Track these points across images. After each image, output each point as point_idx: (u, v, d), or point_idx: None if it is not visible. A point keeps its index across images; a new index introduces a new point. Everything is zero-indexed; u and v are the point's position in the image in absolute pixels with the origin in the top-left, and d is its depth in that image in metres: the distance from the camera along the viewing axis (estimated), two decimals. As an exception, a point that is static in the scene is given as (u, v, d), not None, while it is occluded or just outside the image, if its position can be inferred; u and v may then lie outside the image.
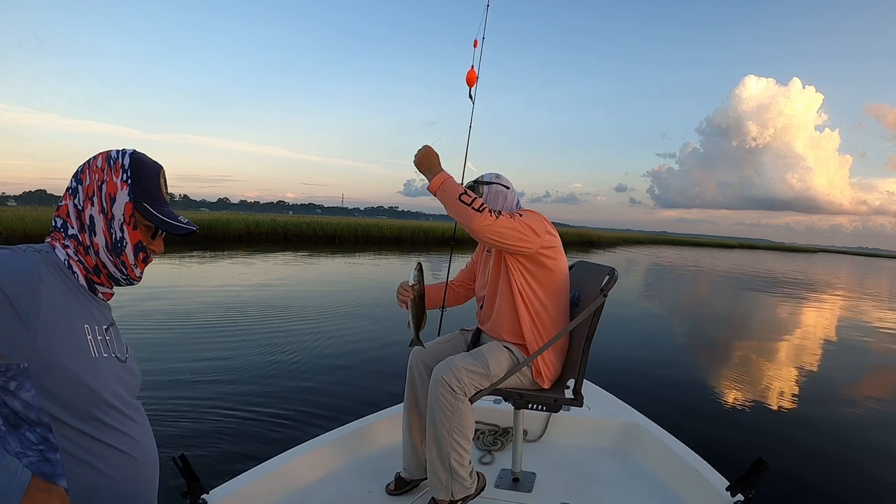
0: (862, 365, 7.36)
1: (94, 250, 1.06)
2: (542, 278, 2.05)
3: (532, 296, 2.05)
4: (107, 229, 1.06)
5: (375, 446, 2.53)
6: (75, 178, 1.07)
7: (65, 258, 1.04)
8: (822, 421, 4.62)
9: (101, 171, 1.06)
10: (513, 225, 1.90)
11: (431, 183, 1.92)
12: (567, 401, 2.06)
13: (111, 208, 1.06)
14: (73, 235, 1.05)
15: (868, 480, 3.50)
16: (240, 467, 2.07)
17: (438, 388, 1.89)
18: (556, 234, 2.06)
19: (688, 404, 4.83)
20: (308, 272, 14.37)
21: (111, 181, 1.06)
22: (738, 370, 6.28)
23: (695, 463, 2.25)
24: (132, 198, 1.07)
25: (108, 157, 1.07)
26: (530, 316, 2.06)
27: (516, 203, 2.17)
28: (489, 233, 1.87)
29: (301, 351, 5.72)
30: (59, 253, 1.03)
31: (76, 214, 1.05)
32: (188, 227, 1.13)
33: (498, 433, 2.71)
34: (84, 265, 1.06)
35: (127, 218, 1.07)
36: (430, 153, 1.94)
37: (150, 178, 1.10)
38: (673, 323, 9.92)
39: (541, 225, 1.99)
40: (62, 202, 1.07)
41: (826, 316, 12.45)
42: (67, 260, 1.04)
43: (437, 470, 1.94)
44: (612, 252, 37.68)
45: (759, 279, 22.73)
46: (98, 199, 1.05)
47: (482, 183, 2.14)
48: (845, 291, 20.29)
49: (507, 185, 2.15)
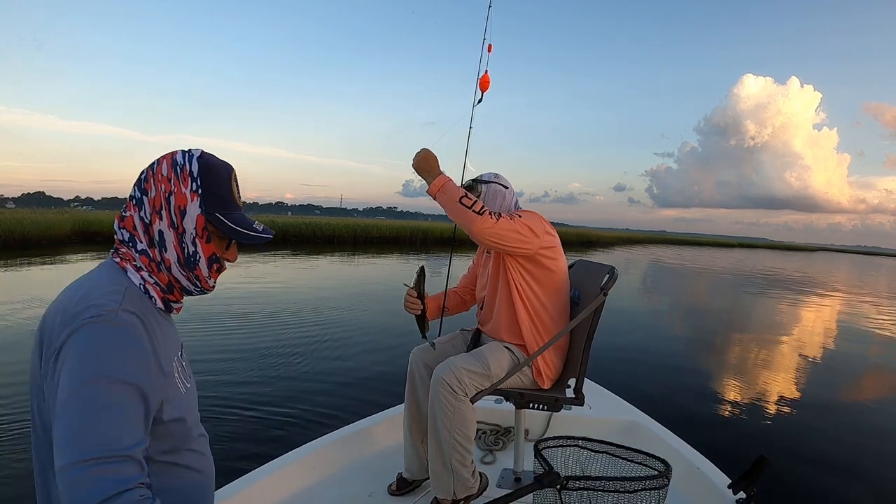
0: (863, 363, 7.37)
1: (166, 266, 0.98)
2: (542, 278, 2.04)
3: (532, 296, 2.05)
4: (178, 244, 0.98)
5: (377, 447, 2.53)
6: (139, 188, 0.97)
7: (140, 282, 0.96)
8: (825, 418, 4.63)
9: (168, 181, 0.96)
10: (513, 227, 1.89)
11: (431, 186, 1.92)
12: (568, 400, 2.05)
13: (181, 222, 0.97)
14: (142, 251, 0.97)
15: (870, 478, 3.50)
16: (242, 468, 2.07)
17: (439, 389, 1.89)
18: (555, 234, 2.06)
19: (689, 402, 4.83)
20: (307, 273, 14.37)
21: (180, 192, 0.96)
22: (739, 368, 6.29)
23: (697, 461, 2.25)
24: (204, 209, 0.98)
25: (174, 164, 0.97)
26: (530, 316, 2.06)
27: (515, 202, 2.17)
28: (490, 235, 1.86)
29: (301, 352, 5.72)
30: (132, 277, 0.96)
31: (143, 228, 0.97)
32: (264, 235, 1.05)
33: (499, 433, 2.71)
34: (159, 285, 0.99)
35: (199, 231, 0.98)
36: (429, 156, 1.94)
37: (222, 184, 1.00)
38: (674, 321, 9.92)
39: (540, 225, 1.99)
40: (126, 212, 0.98)
41: (826, 314, 12.46)
42: (143, 284, 0.96)
43: (439, 470, 1.94)
44: (611, 252, 37.68)
45: (758, 278, 22.74)
46: (167, 213, 0.96)
47: (480, 182, 2.13)
48: (845, 290, 20.31)
49: (506, 185, 2.15)
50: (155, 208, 0.96)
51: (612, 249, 41.69)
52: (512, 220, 1.90)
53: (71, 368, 0.81)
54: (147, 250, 0.97)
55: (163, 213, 0.96)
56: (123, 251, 0.98)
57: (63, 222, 21.11)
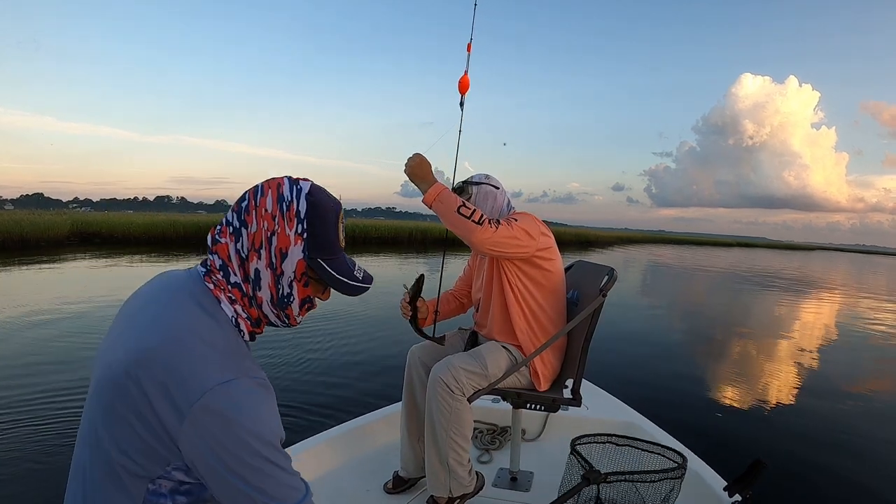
0: (861, 363, 7.37)
1: (258, 303, 0.94)
2: (538, 279, 2.04)
3: (528, 297, 2.05)
4: (273, 284, 0.93)
5: (373, 445, 2.53)
6: (238, 218, 0.92)
7: (232, 315, 0.92)
8: (822, 421, 4.62)
9: (272, 219, 0.90)
10: (511, 233, 1.89)
11: (426, 195, 1.90)
12: (566, 400, 2.06)
13: (280, 264, 0.92)
14: (236, 284, 0.92)
15: (867, 481, 3.50)
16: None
17: (436, 389, 1.90)
18: (550, 235, 2.06)
19: (686, 404, 4.83)
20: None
21: (283, 233, 0.91)
22: (736, 370, 6.29)
23: (692, 463, 2.25)
24: (307, 254, 0.93)
25: (280, 199, 0.91)
26: (526, 317, 2.06)
27: (507, 203, 2.16)
28: (489, 244, 1.87)
29: (298, 351, 5.71)
30: (225, 309, 0.91)
31: (238, 262, 0.92)
32: (364, 285, 1.00)
33: (496, 432, 2.71)
34: (249, 319, 0.95)
35: (298, 275, 0.94)
36: (423, 163, 1.91)
37: (328, 227, 0.95)
38: (671, 322, 9.93)
39: (535, 227, 1.99)
40: (221, 238, 0.92)
41: (824, 314, 12.47)
42: (235, 318, 0.92)
43: (435, 468, 1.94)
44: (610, 251, 37.70)
45: (757, 277, 22.76)
46: (266, 254, 0.91)
47: (471, 183, 2.12)
48: (843, 289, 20.33)
49: (497, 186, 2.14)
50: (254, 245, 0.91)
51: (610, 249, 41.71)
52: (510, 227, 1.90)
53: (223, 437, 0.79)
54: (241, 284, 0.93)
55: (262, 252, 0.91)
56: (216, 278, 0.92)
57: (61, 223, 21.10)
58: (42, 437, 3.39)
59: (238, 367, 0.85)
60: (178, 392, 0.79)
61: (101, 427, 0.83)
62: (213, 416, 0.78)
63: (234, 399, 0.80)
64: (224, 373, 0.82)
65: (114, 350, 0.86)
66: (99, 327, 6.42)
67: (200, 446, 0.79)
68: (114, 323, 0.95)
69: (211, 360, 0.83)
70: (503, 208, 2.14)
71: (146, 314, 0.89)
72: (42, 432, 3.45)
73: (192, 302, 0.89)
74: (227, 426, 0.79)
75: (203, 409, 0.78)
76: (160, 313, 0.88)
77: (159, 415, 0.79)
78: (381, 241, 30.98)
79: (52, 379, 4.47)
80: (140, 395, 0.79)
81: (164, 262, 14.82)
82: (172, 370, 0.80)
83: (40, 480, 2.90)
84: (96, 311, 7.43)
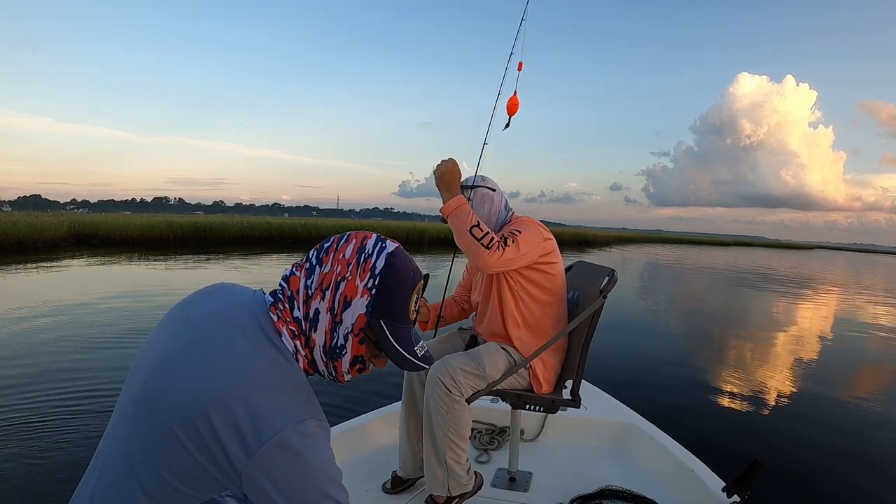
0: (859, 363, 7.38)
1: (311, 345, 0.93)
2: (539, 282, 2.04)
3: (529, 300, 2.04)
4: (329, 331, 0.92)
5: (372, 445, 2.53)
6: (316, 257, 0.93)
7: (293, 349, 0.91)
8: (820, 421, 4.63)
9: (347, 265, 0.90)
10: (517, 253, 1.90)
11: (446, 205, 1.91)
12: (565, 402, 2.06)
13: (342, 312, 0.91)
14: (297, 319, 0.92)
15: (866, 481, 3.50)
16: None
17: (434, 389, 1.90)
18: (552, 238, 2.05)
19: (685, 405, 4.83)
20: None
21: (353, 282, 0.90)
22: (735, 370, 6.29)
23: (691, 464, 2.25)
24: (370, 311, 0.91)
25: (361, 250, 0.92)
26: (527, 321, 2.06)
27: (504, 205, 2.15)
28: (496, 267, 1.88)
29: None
30: (286, 342, 0.90)
31: (304, 297, 0.91)
32: (422, 364, 0.97)
33: (495, 432, 2.71)
34: (306, 358, 0.94)
35: (356, 330, 0.92)
36: (455, 171, 1.93)
37: (401, 295, 0.93)
38: (670, 322, 9.93)
39: (537, 235, 1.98)
40: (297, 272, 0.93)
41: (823, 313, 12.49)
42: (295, 353, 0.91)
43: (433, 467, 1.94)
44: (608, 251, 37.73)
45: (755, 277, 22.79)
46: (331, 296, 0.90)
47: (466, 187, 2.11)
48: (842, 288, 20.36)
49: (493, 188, 2.13)
50: (322, 285, 0.91)
51: (608, 249, 41.74)
52: (516, 246, 1.89)
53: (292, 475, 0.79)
54: (301, 319, 0.92)
55: (327, 293, 0.90)
56: (282, 307, 0.92)
57: (58, 225, 21.04)
58: (37, 436, 3.38)
59: (307, 408, 0.85)
60: (249, 428, 0.78)
61: (151, 447, 0.81)
62: (285, 452, 0.78)
63: (306, 439, 0.80)
64: (297, 411, 0.82)
65: (175, 371, 0.84)
66: (94, 328, 6.40)
67: (265, 482, 0.78)
68: (162, 330, 0.93)
69: (283, 398, 0.83)
70: (501, 210, 2.13)
71: (215, 340, 0.86)
72: (37, 431, 3.44)
73: (260, 332, 0.88)
74: (299, 464, 0.79)
75: (276, 446, 0.78)
76: (231, 338, 0.86)
77: (226, 448, 0.78)
78: (379, 241, 30.96)
79: (48, 379, 4.46)
80: (208, 429, 0.78)
81: (162, 262, 14.81)
82: (245, 406, 0.79)
83: (36, 483, 2.89)
84: (91, 311, 7.41)
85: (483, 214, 2.08)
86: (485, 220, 2.09)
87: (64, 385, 4.36)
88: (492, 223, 2.11)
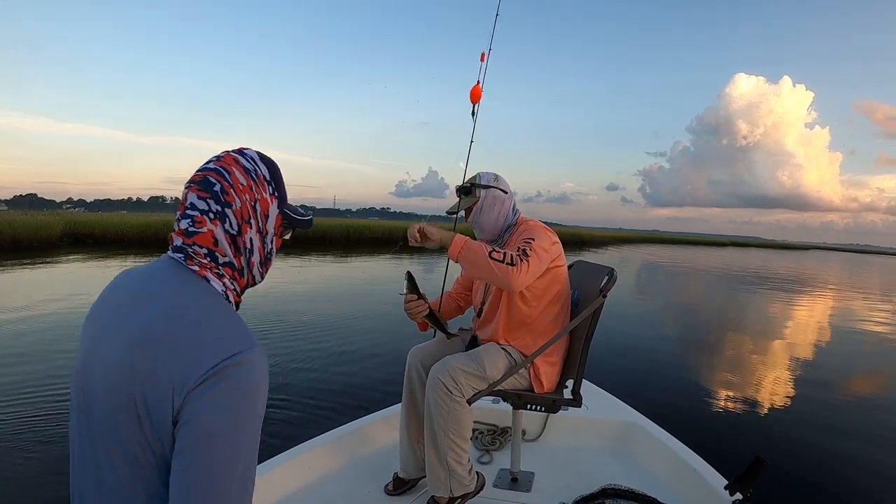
0: (858, 361, 7.42)
1: (249, 268, 1.00)
2: (544, 284, 2.02)
3: (533, 301, 2.03)
4: (262, 246, 1.01)
5: (373, 447, 2.52)
6: (216, 202, 0.94)
7: (222, 289, 0.95)
8: (821, 419, 4.65)
9: (251, 190, 0.97)
10: (539, 263, 1.87)
11: (450, 250, 1.83)
12: (566, 401, 2.05)
13: (266, 225, 1.00)
14: (226, 263, 0.96)
15: (867, 477, 3.52)
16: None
17: (435, 390, 1.89)
18: (558, 241, 2.03)
19: (686, 403, 4.84)
20: (299, 273, 14.34)
21: (263, 198, 0.98)
22: (736, 368, 6.31)
23: (693, 462, 2.25)
24: (280, 210, 1.03)
25: (248, 172, 0.97)
26: (528, 322, 2.05)
27: (512, 207, 2.13)
28: (526, 282, 1.84)
29: (296, 353, 5.70)
30: (214, 284, 0.94)
31: (229, 240, 0.95)
32: (310, 217, 1.10)
33: (496, 433, 2.70)
34: (236, 290, 1.00)
35: (277, 230, 1.03)
36: (431, 230, 1.86)
37: (282, 180, 1.04)
38: (670, 321, 9.96)
39: (548, 240, 1.97)
40: (201, 228, 0.93)
41: (821, 312, 12.54)
42: (225, 291, 0.95)
43: (435, 468, 1.93)
44: (604, 251, 37.78)
45: (752, 277, 22.86)
46: (255, 221, 0.98)
47: (479, 186, 2.08)
48: (839, 288, 20.45)
49: (506, 190, 2.10)
50: (243, 219, 0.96)
51: (604, 249, 41.79)
52: (536, 255, 1.86)
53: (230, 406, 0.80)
54: (232, 261, 0.96)
55: (252, 221, 0.97)
56: (201, 261, 0.94)
57: (54, 224, 20.96)
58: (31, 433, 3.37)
59: (252, 338, 0.87)
60: (208, 348, 0.81)
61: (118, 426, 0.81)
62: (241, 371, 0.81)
63: (259, 363, 0.84)
64: (249, 338, 0.86)
65: (109, 347, 0.85)
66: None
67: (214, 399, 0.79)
68: (88, 331, 0.93)
69: (233, 325, 0.87)
70: (509, 213, 2.11)
71: (139, 300, 0.88)
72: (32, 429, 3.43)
73: (184, 281, 0.91)
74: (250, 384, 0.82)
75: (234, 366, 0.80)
76: (158, 292, 0.88)
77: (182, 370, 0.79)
78: (375, 241, 30.96)
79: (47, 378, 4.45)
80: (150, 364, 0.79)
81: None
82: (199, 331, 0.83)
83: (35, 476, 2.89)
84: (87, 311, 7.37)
85: (493, 215, 2.06)
86: (493, 221, 2.07)
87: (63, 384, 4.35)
88: (499, 225, 2.09)
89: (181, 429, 0.78)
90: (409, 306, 2.03)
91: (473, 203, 2.08)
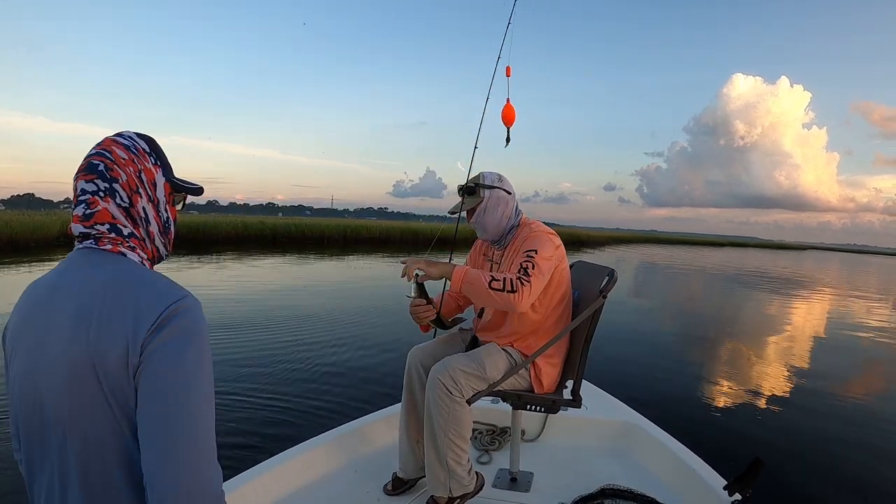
0: (857, 361, 7.43)
1: (151, 239, 1.05)
2: (550, 290, 2.01)
3: (541, 309, 2.03)
4: (157, 215, 1.05)
5: (373, 447, 2.52)
6: (103, 179, 0.98)
7: (139, 260, 1.00)
8: (820, 419, 4.66)
9: (133, 162, 1.01)
10: (542, 279, 1.88)
11: (452, 284, 1.88)
12: (565, 402, 2.05)
13: (155, 193, 1.05)
14: (130, 234, 1.00)
15: (866, 478, 3.52)
16: (236, 468, 2.04)
17: (435, 390, 1.89)
18: (561, 245, 2.02)
19: (686, 404, 4.85)
20: (297, 274, 14.31)
21: (146, 168, 1.03)
22: (735, 369, 6.32)
23: (692, 462, 2.25)
24: (166, 177, 1.07)
25: (127, 148, 1.02)
26: (529, 322, 2.04)
27: (515, 208, 2.11)
28: (530, 302, 1.86)
29: (295, 353, 5.69)
30: (132, 257, 0.99)
31: (124, 213, 1.00)
32: (199, 185, 1.15)
33: (495, 433, 2.70)
34: (150, 260, 1.05)
35: (167, 197, 1.07)
36: (417, 262, 1.89)
37: (163, 152, 1.09)
38: (669, 322, 9.96)
39: (551, 248, 1.96)
40: (96, 208, 0.97)
41: (820, 313, 12.56)
42: (142, 261, 1.01)
43: (434, 468, 1.93)
44: (602, 251, 37.82)
45: (750, 277, 22.89)
46: (144, 190, 1.02)
47: (483, 186, 2.07)
48: (837, 288, 20.48)
49: (510, 191, 2.09)
50: (132, 189, 1.00)
51: (602, 249, 41.83)
52: (538, 272, 1.86)
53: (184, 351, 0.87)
54: (134, 232, 1.01)
55: (140, 191, 1.02)
56: (110, 238, 0.98)
57: (51, 224, 20.91)
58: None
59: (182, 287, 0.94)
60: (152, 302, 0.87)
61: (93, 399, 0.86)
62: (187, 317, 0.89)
63: (199, 310, 0.92)
64: (181, 288, 0.93)
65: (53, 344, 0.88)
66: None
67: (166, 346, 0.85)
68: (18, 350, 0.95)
69: (162, 279, 0.93)
70: (511, 215, 2.09)
71: (67, 290, 0.91)
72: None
73: (105, 260, 0.95)
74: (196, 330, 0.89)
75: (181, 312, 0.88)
76: (82, 277, 0.92)
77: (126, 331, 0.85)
78: (372, 241, 30.95)
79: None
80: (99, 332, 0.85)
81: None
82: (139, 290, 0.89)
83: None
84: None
85: (496, 216, 2.05)
86: (497, 222, 2.06)
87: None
88: (503, 226, 2.08)
89: (141, 377, 0.84)
90: (416, 310, 2.03)
91: (477, 203, 2.06)
